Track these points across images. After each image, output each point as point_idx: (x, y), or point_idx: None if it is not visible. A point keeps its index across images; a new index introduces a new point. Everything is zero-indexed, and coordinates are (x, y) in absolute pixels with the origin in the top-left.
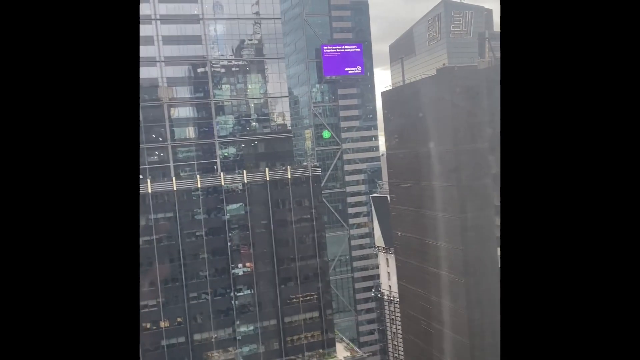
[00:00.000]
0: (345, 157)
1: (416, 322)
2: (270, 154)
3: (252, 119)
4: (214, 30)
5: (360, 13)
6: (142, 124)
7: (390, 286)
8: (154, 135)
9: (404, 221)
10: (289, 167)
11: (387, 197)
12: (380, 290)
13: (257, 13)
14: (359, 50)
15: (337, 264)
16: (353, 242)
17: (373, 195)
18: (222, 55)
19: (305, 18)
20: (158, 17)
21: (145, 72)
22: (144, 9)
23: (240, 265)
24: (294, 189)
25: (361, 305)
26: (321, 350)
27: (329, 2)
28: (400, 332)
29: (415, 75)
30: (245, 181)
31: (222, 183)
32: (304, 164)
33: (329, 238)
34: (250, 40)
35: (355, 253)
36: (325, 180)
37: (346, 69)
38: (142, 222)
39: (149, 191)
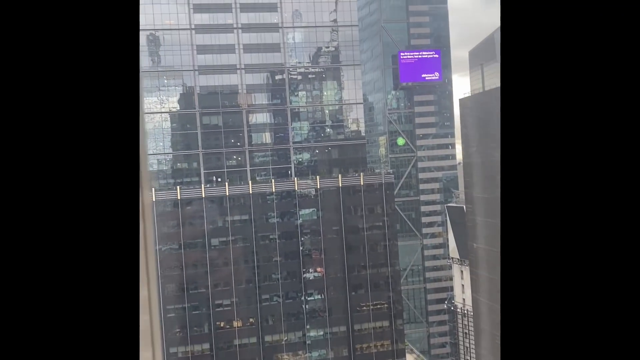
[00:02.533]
0: (420, 165)
1: (491, 338)
2: (344, 160)
3: (326, 125)
4: (292, 38)
5: (439, 19)
6: (221, 129)
7: (464, 299)
8: (232, 140)
9: (480, 232)
10: (362, 174)
11: (463, 207)
12: (453, 303)
13: (335, 20)
14: (437, 56)
15: (409, 274)
16: (426, 252)
17: (448, 204)
18: (300, 62)
19: (383, 25)
20: (239, 26)
21: (226, 79)
22: (227, 18)
23: (311, 269)
24: (367, 195)
25: (433, 317)
26: None
27: (407, 8)
28: (473, 347)
29: (496, 82)
30: (318, 186)
31: (296, 188)
32: (377, 170)
33: (401, 247)
34: (327, 47)
35: (428, 263)
36: (398, 188)
37: (423, 75)
38: (219, 224)
39: (227, 194)
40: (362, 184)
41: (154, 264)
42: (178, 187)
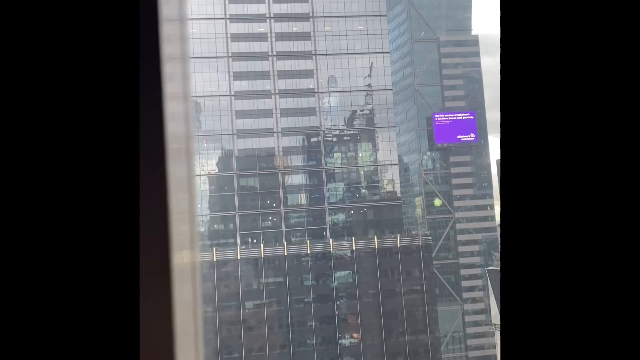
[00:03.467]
0: (458, 226)
1: None
2: (380, 222)
3: (362, 186)
4: (327, 102)
5: (473, 81)
6: (258, 191)
7: None
8: (268, 201)
9: None
10: (398, 235)
11: None
12: None
13: (369, 85)
14: (472, 117)
15: (449, 341)
16: (467, 318)
17: (489, 268)
18: (335, 125)
19: (417, 88)
20: (277, 91)
21: (263, 142)
22: (265, 85)
23: (347, 335)
24: (404, 258)
25: None
26: None
27: (440, 72)
28: None
29: None
30: (354, 248)
31: (331, 249)
32: (414, 232)
33: (441, 312)
34: (362, 110)
35: (469, 330)
36: (436, 250)
37: (459, 137)
38: (253, 285)
39: (262, 255)
40: (398, 245)
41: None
42: (214, 248)
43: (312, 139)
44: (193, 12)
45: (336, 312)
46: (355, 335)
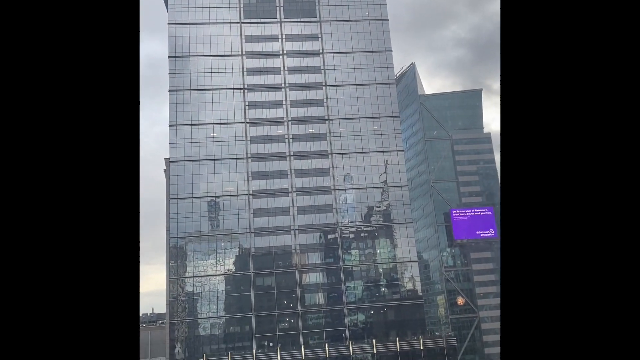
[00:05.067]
0: (484, 326)
1: None
2: (401, 322)
3: (381, 284)
4: (343, 199)
5: (488, 177)
6: (274, 290)
7: None
8: (285, 301)
9: None
10: (421, 337)
11: None
12: None
13: (385, 182)
14: (489, 213)
15: None
16: None
17: None
18: (352, 222)
19: (432, 185)
20: (294, 190)
21: (280, 240)
22: (282, 184)
23: None
24: None
25: None
26: None
27: (455, 169)
28: None
29: None
30: (375, 351)
31: (351, 353)
32: (438, 333)
33: None
34: (379, 207)
35: None
36: (462, 352)
37: (478, 232)
38: None
39: None
40: (422, 348)
41: None
42: (230, 352)
43: (329, 236)
44: (214, 117)
45: None
46: None
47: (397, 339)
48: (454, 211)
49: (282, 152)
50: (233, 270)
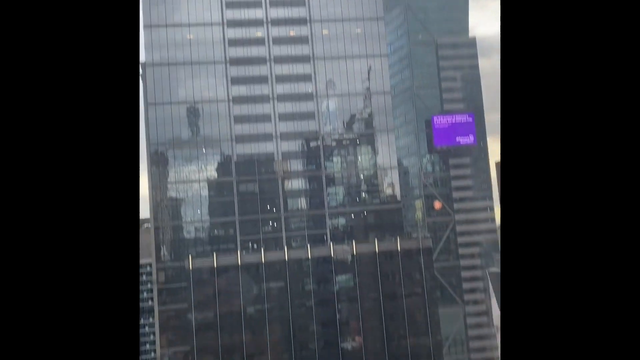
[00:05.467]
0: (458, 228)
1: None
2: (380, 225)
3: (362, 190)
4: (326, 106)
5: (471, 83)
6: (258, 196)
7: None
8: (268, 207)
9: None
10: (398, 239)
11: None
12: None
13: (368, 88)
14: (470, 120)
15: (451, 344)
16: (469, 320)
17: (490, 270)
18: (334, 129)
19: (415, 92)
20: (275, 96)
21: (262, 147)
22: (263, 89)
23: (349, 338)
24: (404, 261)
25: None
26: None
27: (439, 75)
28: None
29: None
30: (355, 252)
31: (332, 254)
32: (415, 235)
33: (442, 315)
34: (361, 114)
35: (471, 332)
36: (437, 253)
37: (457, 139)
38: (254, 291)
39: (262, 261)
40: (399, 249)
41: None
42: (215, 254)
43: (311, 144)
44: (190, 19)
45: (338, 316)
46: (357, 338)
47: (376, 240)
48: (435, 118)
49: (263, 57)
50: (215, 176)
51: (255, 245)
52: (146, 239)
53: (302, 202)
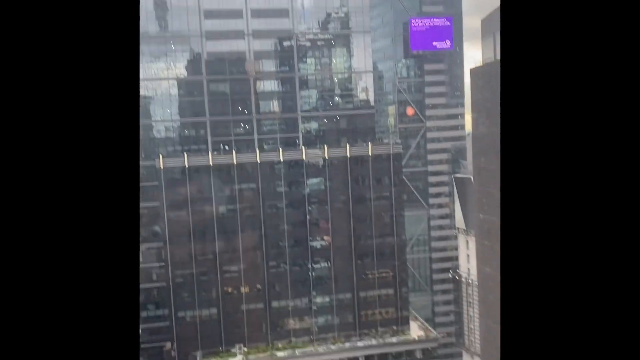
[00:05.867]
0: (429, 135)
1: (495, 308)
2: (352, 130)
3: (335, 94)
4: (301, 3)
5: None
6: (229, 97)
7: (469, 269)
8: (240, 108)
9: (486, 204)
10: (370, 144)
11: (470, 177)
12: (458, 273)
13: None
14: (448, 24)
15: (415, 243)
16: (432, 223)
17: (456, 175)
18: (308, 28)
19: None
20: None
21: (233, 45)
22: None
23: (318, 238)
24: (375, 166)
25: (438, 286)
26: (395, 327)
27: None
28: (477, 316)
29: None
30: (326, 156)
31: (304, 157)
32: (386, 141)
33: (408, 217)
34: (337, 13)
35: (434, 233)
36: (406, 158)
37: (434, 44)
38: (226, 192)
39: (234, 162)
40: (370, 154)
41: None
42: (185, 154)
43: (285, 43)
44: None
45: (308, 217)
46: (325, 238)
47: (348, 145)
48: (413, 20)
49: None
50: (185, 75)
51: (226, 147)
52: None
53: (275, 105)
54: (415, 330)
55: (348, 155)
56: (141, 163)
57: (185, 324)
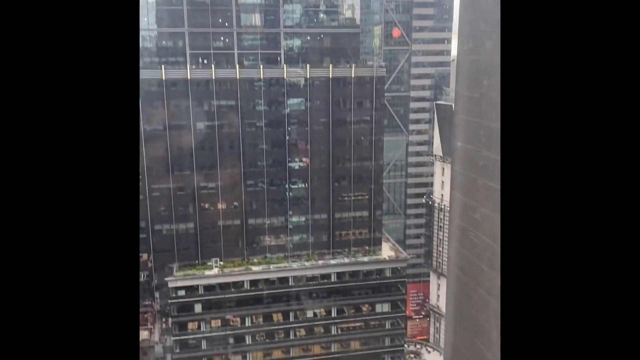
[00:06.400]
0: (414, 59)
1: (464, 232)
2: (336, 50)
3: (320, 10)
4: None
5: None
6: (209, 7)
7: (442, 195)
8: (220, 20)
9: (465, 132)
10: (353, 65)
11: (451, 105)
12: (432, 198)
13: None
14: None
15: (392, 168)
16: (411, 149)
17: (437, 102)
18: None
19: None
20: None
21: None
22: None
23: (296, 159)
24: (357, 88)
25: (411, 210)
26: (367, 247)
27: None
28: (446, 239)
29: None
30: (308, 76)
31: (285, 76)
32: (370, 63)
33: (386, 142)
34: None
35: (411, 159)
36: (389, 82)
37: None
38: (204, 107)
39: (213, 77)
40: (353, 76)
41: None
42: (162, 66)
43: None
44: None
45: (287, 137)
46: (304, 159)
47: (331, 65)
48: None
49: None
50: None
51: (205, 61)
52: None
53: (257, 18)
54: (387, 251)
55: (330, 75)
56: None
57: (161, 236)
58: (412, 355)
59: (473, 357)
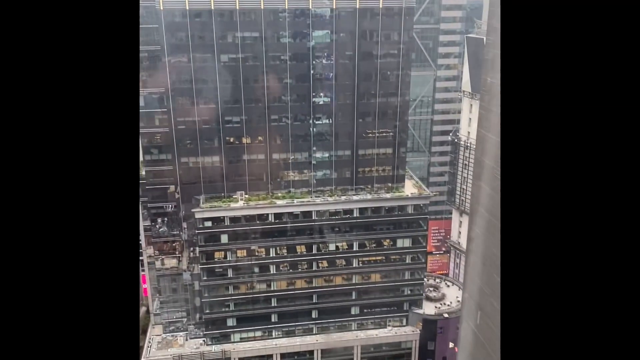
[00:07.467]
0: None
1: (488, 169)
2: None
3: None
4: None
5: None
6: None
7: (469, 132)
8: None
9: (496, 66)
10: None
11: (483, 38)
12: (458, 135)
13: None
14: None
15: (418, 104)
16: (439, 84)
17: (468, 35)
18: None
19: None
20: None
21: None
22: None
23: (321, 94)
24: (384, 20)
25: (436, 148)
26: (390, 184)
27: None
28: (470, 178)
29: None
30: (335, 7)
31: (310, 7)
32: None
33: (413, 77)
34: None
35: (439, 95)
36: (419, 13)
37: None
38: (228, 39)
39: (237, 7)
40: (380, 6)
41: None
42: None
43: None
44: None
45: (312, 72)
46: (328, 94)
47: None
48: None
49: None
50: None
51: None
52: None
53: None
54: (410, 188)
55: (357, 6)
56: (140, 3)
57: (188, 169)
58: (431, 289)
59: (492, 292)
